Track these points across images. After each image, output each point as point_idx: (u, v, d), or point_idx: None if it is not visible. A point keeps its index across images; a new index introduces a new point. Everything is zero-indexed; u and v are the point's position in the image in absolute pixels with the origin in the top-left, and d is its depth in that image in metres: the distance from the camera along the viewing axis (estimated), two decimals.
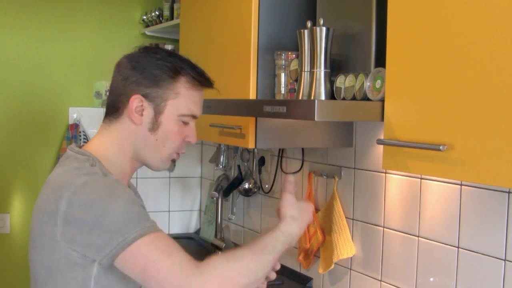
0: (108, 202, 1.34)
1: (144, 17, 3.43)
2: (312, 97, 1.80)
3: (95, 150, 1.52)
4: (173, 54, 1.57)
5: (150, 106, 1.50)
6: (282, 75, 2.07)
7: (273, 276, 1.52)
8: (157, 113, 1.51)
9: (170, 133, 1.52)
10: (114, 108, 1.54)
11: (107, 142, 1.54)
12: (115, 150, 1.53)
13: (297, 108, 1.65)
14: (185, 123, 1.54)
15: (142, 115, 1.50)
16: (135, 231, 1.32)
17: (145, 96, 1.50)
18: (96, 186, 1.37)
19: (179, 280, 1.30)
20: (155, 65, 1.50)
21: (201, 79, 1.54)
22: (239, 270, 1.37)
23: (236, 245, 2.91)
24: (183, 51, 2.73)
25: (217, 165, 3.11)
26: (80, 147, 1.55)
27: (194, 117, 1.55)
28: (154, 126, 1.51)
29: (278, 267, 1.54)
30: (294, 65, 2.02)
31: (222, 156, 3.08)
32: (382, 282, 2.10)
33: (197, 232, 3.52)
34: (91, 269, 1.38)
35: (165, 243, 1.34)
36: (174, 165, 1.56)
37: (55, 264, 1.40)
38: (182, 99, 1.51)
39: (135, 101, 1.50)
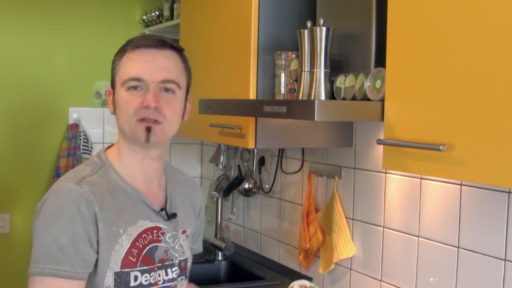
0: (41, 227, 1.40)
1: (144, 17, 3.43)
2: (312, 97, 1.80)
3: (111, 152, 1.55)
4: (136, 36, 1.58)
5: (113, 92, 1.53)
6: (282, 75, 2.07)
7: None
8: (114, 93, 1.52)
9: (121, 104, 1.47)
10: None
11: (116, 142, 1.57)
12: (119, 148, 1.54)
13: (297, 108, 1.65)
14: (134, 89, 1.45)
15: (112, 103, 1.53)
16: (35, 267, 1.37)
17: (111, 85, 1.55)
18: (48, 205, 1.41)
19: None
20: (116, 53, 1.54)
21: (139, 41, 1.49)
22: None
23: (236, 245, 2.91)
24: None
25: (217, 165, 3.11)
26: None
27: (136, 79, 1.45)
28: (114, 106, 1.51)
29: None
30: (294, 65, 2.02)
31: (222, 156, 3.08)
32: (382, 282, 2.10)
33: None
34: None
35: None
36: (149, 133, 1.48)
37: None
38: (123, 67, 1.49)
39: (108, 94, 1.55)
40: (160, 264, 1.49)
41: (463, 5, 1.35)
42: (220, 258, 2.97)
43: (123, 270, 1.43)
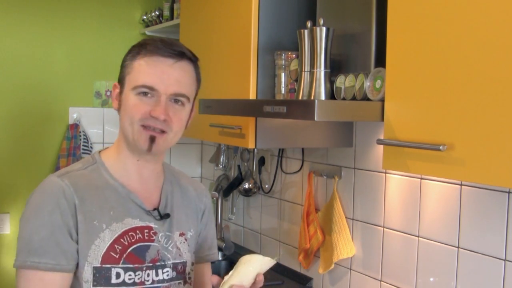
0: (24, 220, 1.42)
1: (144, 17, 3.43)
2: (312, 97, 1.80)
3: (106, 153, 1.55)
4: (153, 38, 1.56)
5: (120, 88, 1.50)
6: (282, 75, 2.07)
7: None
8: (121, 92, 1.49)
9: (128, 107, 1.45)
10: None
11: (115, 142, 1.56)
12: (117, 147, 1.53)
13: (297, 108, 1.65)
14: (145, 96, 1.44)
15: (117, 99, 1.51)
16: (18, 260, 1.40)
17: (118, 81, 1.52)
18: (32, 198, 1.45)
19: None
20: (129, 49, 1.52)
21: (156, 48, 1.46)
22: None
23: (236, 245, 2.92)
24: None
25: (217, 165, 3.11)
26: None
27: (149, 87, 1.43)
28: (119, 105, 1.50)
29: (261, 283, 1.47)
30: (294, 65, 2.02)
31: (222, 156, 3.08)
32: (382, 282, 2.10)
33: None
34: None
35: (25, 285, 1.39)
36: (152, 143, 1.47)
37: None
38: (136, 71, 1.46)
39: (114, 88, 1.52)
40: (150, 264, 1.48)
41: (463, 5, 1.35)
42: (220, 258, 2.97)
43: (103, 265, 1.42)
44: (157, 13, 3.32)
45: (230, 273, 1.39)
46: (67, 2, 3.31)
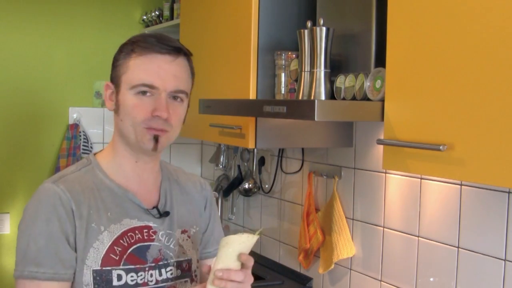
0: (20, 229, 1.41)
1: (144, 17, 3.43)
2: (312, 97, 1.80)
3: (101, 153, 1.53)
4: (147, 34, 1.50)
5: (114, 88, 1.47)
6: (282, 75, 2.07)
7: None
8: (117, 93, 1.45)
9: (128, 108, 1.42)
10: None
11: (109, 142, 1.54)
12: (112, 148, 1.51)
13: (297, 108, 1.65)
14: (145, 95, 1.41)
15: (112, 100, 1.48)
16: (16, 270, 1.39)
17: (111, 80, 1.48)
18: (28, 206, 1.42)
19: None
20: (119, 48, 1.49)
21: (152, 44, 1.42)
22: None
23: None
24: None
25: (217, 165, 3.11)
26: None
27: (149, 86, 1.41)
28: (117, 106, 1.45)
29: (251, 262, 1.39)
30: (294, 65, 2.02)
31: (222, 156, 3.08)
32: (382, 282, 2.10)
33: None
34: None
35: None
36: (157, 143, 1.45)
37: None
38: (132, 69, 1.42)
39: (106, 88, 1.49)
40: (153, 264, 1.46)
41: (463, 5, 1.35)
42: None
43: (103, 268, 1.40)
44: (157, 13, 3.32)
45: (214, 259, 1.34)
46: (67, 2, 3.31)
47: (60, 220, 1.38)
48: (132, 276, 1.43)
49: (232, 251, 1.32)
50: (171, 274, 1.50)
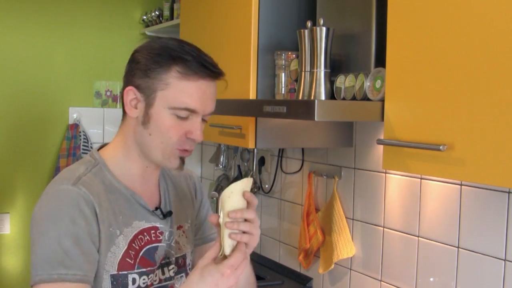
0: (40, 232, 1.32)
1: (144, 17, 3.43)
2: (312, 97, 1.80)
3: (106, 152, 1.49)
4: (176, 41, 1.42)
5: (142, 98, 1.39)
6: (282, 75, 2.07)
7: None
8: (148, 105, 1.38)
9: (162, 127, 1.38)
10: (122, 107, 1.47)
11: (117, 142, 1.49)
12: (122, 150, 1.47)
13: (297, 108, 1.65)
14: (182, 118, 1.38)
15: (136, 107, 1.40)
16: (40, 275, 1.28)
17: (138, 87, 1.39)
18: (44, 207, 1.35)
19: None
20: (150, 54, 1.39)
21: (197, 68, 1.37)
22: None
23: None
24: None
25: (217, 165, 3.11)
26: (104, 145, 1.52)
27: (191, 110, 1.37)
28: (145, 119, 1.39)
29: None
30: (294, 65, 2.02)
31: (222, 156, 3.08)
32: (382, 282, 2.10)
33: None
34: None
35: None
36: (183, 163, 1.44)
37: None
38: (173, 90, 1.36)
39: (129, 93, 1.41)
40: (159, 264, 1.47)
41: (463, 5, 1.35)
42: None
43: (120, 272, 1.38)
44: (157, 13, 3.32)
45: (220, 214, 1.32)
46: (67, 2, 3.31)
47: (86, 222, 1.33)
48: (144, 279, 1.42)
49: (238, 198, 1.33)
50: (173, 272, 1.51)
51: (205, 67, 1.38)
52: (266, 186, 2.79)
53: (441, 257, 1.87)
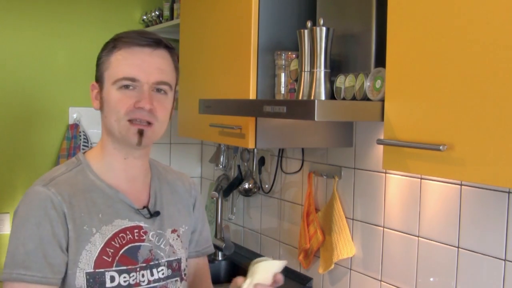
0: (12, 232, 1.40)
1: (144, 17, 3.43)
2: (312, 97, 1.80)
3: (90, 153, 1.53)
4: (130, 31, 1.51)
5: (99, 87, 1.48)
6: (282, 75, 2.07)
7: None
8: (101, 90, 1.46)
9: (111, 103, 1.43)
10: None
11: (98, 142, 1.54)
12: (101, 148, 1.51)
13: (297, 108, 1.65)
14: (127, 89, 1.42)
15: (97, 99, 1.49)
16: (4, 273, 1.36)
17: (96, 80, 1.49)
18: (19, 210, 1.41)
19: None
20: (102, 47, 1.50)
21: (134, 38, 1.44)
22: None
23: (236, 245, 2.92)
24: (183, 51, 2.73)
25: (217, 165, 3.11)
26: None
27: (130, 79, 1.41)
28: (101, 104, 1.46)
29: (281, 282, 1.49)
30: (294, 65, 2.02)
31: (222, 156, 3.08)
32: (382, 282, 2.10)
33: None
34: None
35: None
36: (141, 137, 1.44)
37: None
38: (114, 64, 1.43)
39: (92, 88, 1.50)
40: (144, 264, 1.46)
41: (463, 5, 1.35)
42: (220, 258, 2.97)
43: (96, 270, 1.40)
44: (157, 13, 3.32)
45: (248, 281, 1.42)
46: (67, 2, 3.31)
47: (51, 224, 1.38)
48: (124, 277, 1.43)
49: (268, 276, 1.45)
50: (163, 274, 1.50)
51: (140, 36, 1.45)
52: (266, 186, 2.79)
53: (441, 257, 1.87)
